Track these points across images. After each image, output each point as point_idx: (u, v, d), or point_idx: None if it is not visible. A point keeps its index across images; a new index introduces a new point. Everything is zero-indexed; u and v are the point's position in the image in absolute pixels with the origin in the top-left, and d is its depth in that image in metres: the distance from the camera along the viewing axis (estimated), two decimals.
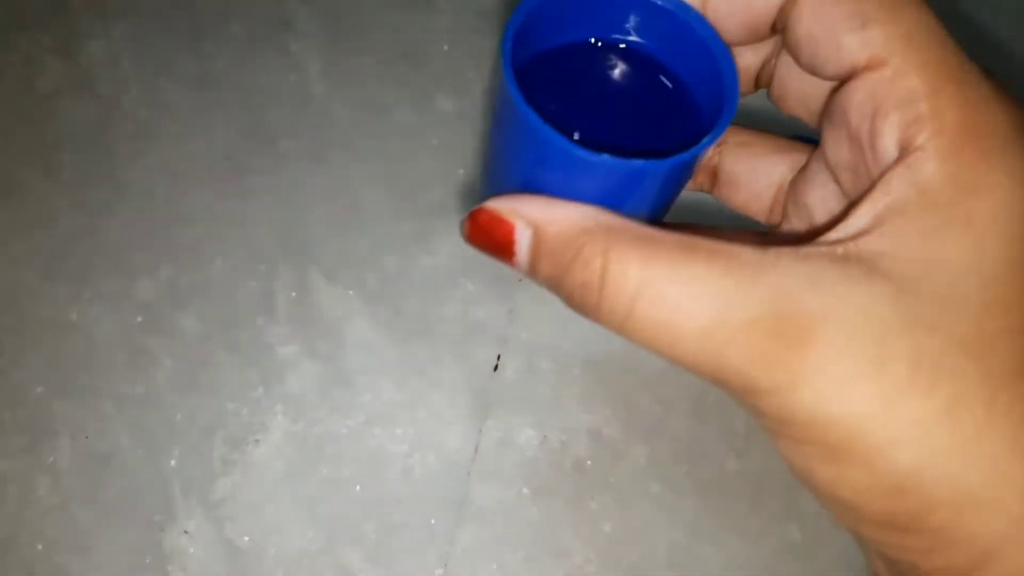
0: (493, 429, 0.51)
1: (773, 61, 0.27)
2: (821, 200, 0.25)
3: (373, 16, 0.63)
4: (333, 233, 0.55)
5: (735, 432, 0.52)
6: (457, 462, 0.49)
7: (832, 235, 0.21)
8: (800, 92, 0.26)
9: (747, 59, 0.27)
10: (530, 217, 0.22)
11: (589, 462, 0.50)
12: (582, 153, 0.22)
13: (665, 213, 0.27)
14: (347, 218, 0.56)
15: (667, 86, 0.26)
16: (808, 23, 0.22)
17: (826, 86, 0.25)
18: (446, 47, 0.63)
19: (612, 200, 0.23)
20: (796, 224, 0.27)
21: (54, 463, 0.47)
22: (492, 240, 0.23)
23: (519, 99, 0.22)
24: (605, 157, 0.21)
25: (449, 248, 0.56)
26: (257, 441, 0.49)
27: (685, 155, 0.22)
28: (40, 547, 0.45)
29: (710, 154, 0.30)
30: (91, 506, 0.46)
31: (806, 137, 0.30)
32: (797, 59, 0.23)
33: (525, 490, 0.49)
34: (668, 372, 0.53)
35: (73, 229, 0.53)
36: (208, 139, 0.57)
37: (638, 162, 0.22)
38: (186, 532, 0.46)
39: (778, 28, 0.24)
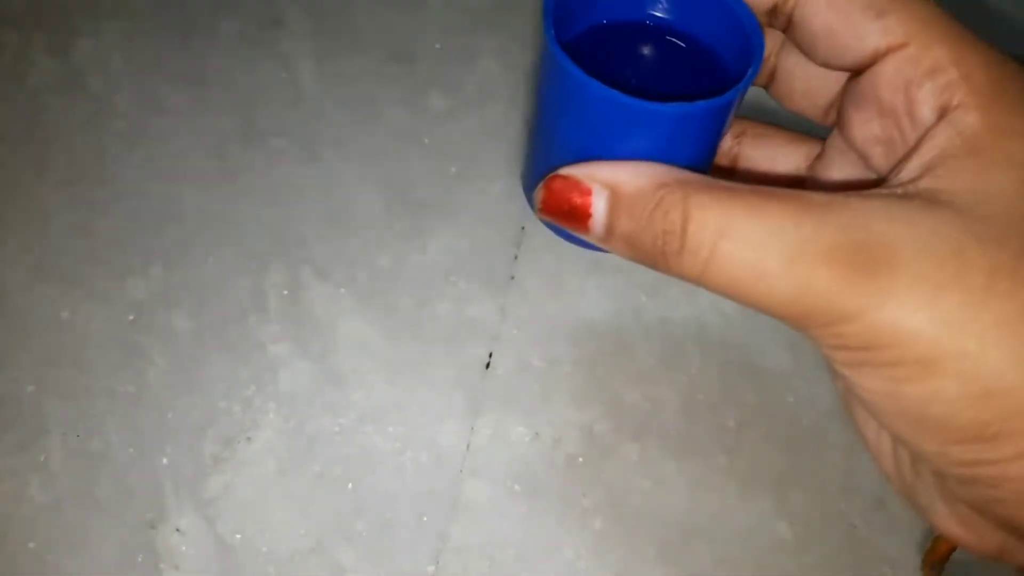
0: (485, 426, 0.51)
1: (772, 59, 0.28)
2: (843, 182, 0.27)
3: (365, 14, 0.63)
4: (325, 231, 0.55)
5: (725, 429, 0.52)
6: (449, 459, 0.50)
7: (892, 180, 0.22)
8: (806, 88, 0.28)
9: None
10: (605, 179, 0.23)
11: (580, 459, 0.50)
12: (640, 104, 0.23)
13: (710, 168, 0.29)
14: (339, 216, 0.56)
15: (698, 58, 0.29)
16: (825, 18, 0.24)
17: (834, 79, 0.27)
18: (438, 46, 0.63)
19: (668, 153, 0.24)
20: (853, 175, 0.28)
21: (46, 462, 0.47)
22: (567, 207, 0.24)
23: (571, 67, 0.23)
24: (667, 105, 0.23)
25: (441, 246, 0.56)
26: (249, 439, 0.49)
27: (731, 93, 0.24)
28: (32, 546, 0.45)
29: (729, 143, 0.31)
30: (83, 504, 0.46)
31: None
32: (811, 53, 0.25)
33: (517, 487, 0.49)
34: (658, 370, 0.53)
35: (64, 227, 0.53)
36: (199, 137, 0.57)
37: (697, 104, 0.23)
38: (178, 530, 0.46)
39: (778, 26, 0.26)
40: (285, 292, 0.53)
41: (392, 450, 0.50)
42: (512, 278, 0.55)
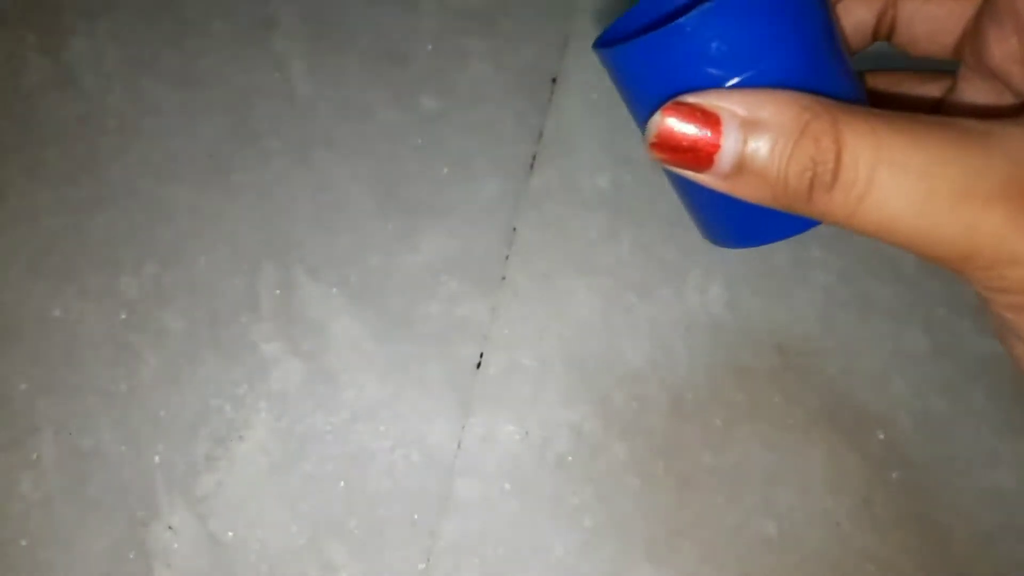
0: (475, 425, 0.51)
1: (891, 12, 0.27)
2: (978, 95, 0.25)
3: (357, 15, 0.64)
4: (317, 231, 0.56)
5: (713, 428, 0.53)
6: (440, 458, 0.50)
7: None
8: (930, 28, 0.26)
9: (859, 14, 0.27)
10: (735, 106, 0.20)
11: (570, 458, 0.51)
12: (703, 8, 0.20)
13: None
14: (331, 216, 0.56)
15: None
16: None
17: (959, 11, 0.25)
18: (430, 47, 0.63)
19: (783, 66, 0.21)
20: (991, 99, 0.26)
21: (38, 459, 0.47)
22: (689, 140, 0.20)
23: (632, 43, 0.21)
24: None
25: (433, 246, 0.56)
26: (241, 437, 0.49)
27: None
28: (24, 543, 0.45)
29: None
30: (75, 502, 0.47)
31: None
32: None
33: (507, 485, 0.50)
34: (647, 370, 0.54)
35: (57, 226, 0.54)
36: (192, 137, 0.58)
37: None
38: (170, 527, 0.47)
39: None
40: (277, 291, 0.53)
41: (383, 449, 0.50)
42: (503, 278, 0.56)
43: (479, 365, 0.53)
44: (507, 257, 0.57)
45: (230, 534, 0.47)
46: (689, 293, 0.56)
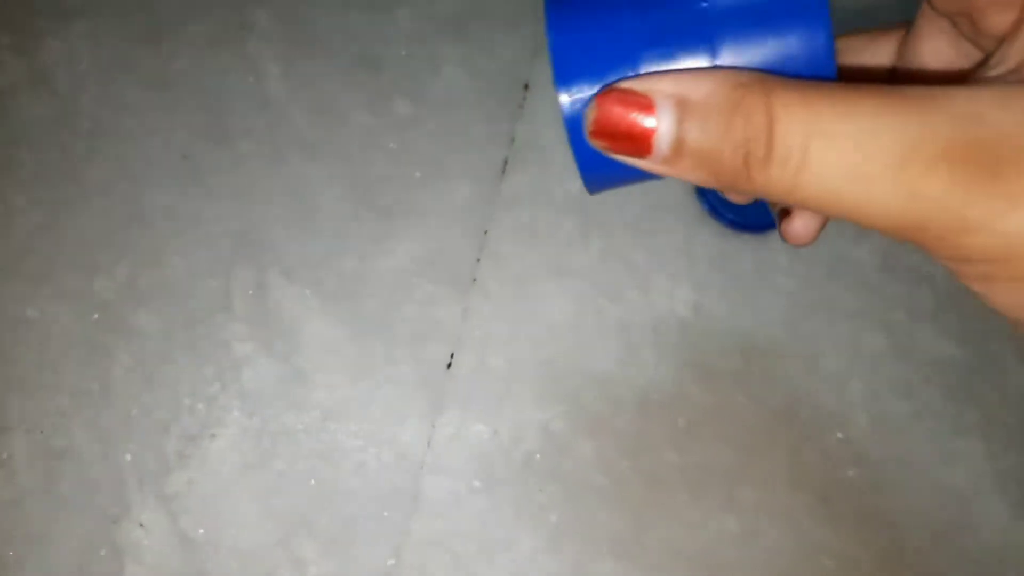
0: (446, 424, 0.52)
1: None
2: (934, 52, 0.24)
3: (332, 20, 0.65)
4: (291, 233, 0.56)
5: (677, 428, 0.54)
6: (410, 456, 0.51)
7: (992, 72, 0.19)
8: None
9: None
10: (667, 89, 0.20)
11: (538, 456, 0.52)
12: None
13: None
14: (305, 219, 0.57)
15: None
16: None
17: None
18: (404, 52, 0.64)
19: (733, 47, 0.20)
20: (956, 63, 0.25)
21: (9, 458, 0.48)
22: (626, 125, 0.20)
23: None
24: None
25: (405, 249, 0.57)
26: (213, 436, 0.50)
27: None
28: None
29: None
30: (46, 500, 0.47)
31: None
32: None
33: (476, 483, 0.51)
34: (615, 371, 0.55)
35: (31, 227, 0.54)
36: (166, 138, 0.58)
37: None
38: (141, 525, 0.47)
39: None
40: (251, 292, 0.54)
41: (355, 447, 0.51)
42: (474, 281, 0.57)
43: (450, 365, 0.54)
44: (478, 260, 0.58)
45: (201, 531, 0.47)
46: (657, 296, 0.57)
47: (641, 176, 0.22)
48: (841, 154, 0.18)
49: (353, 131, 0.60)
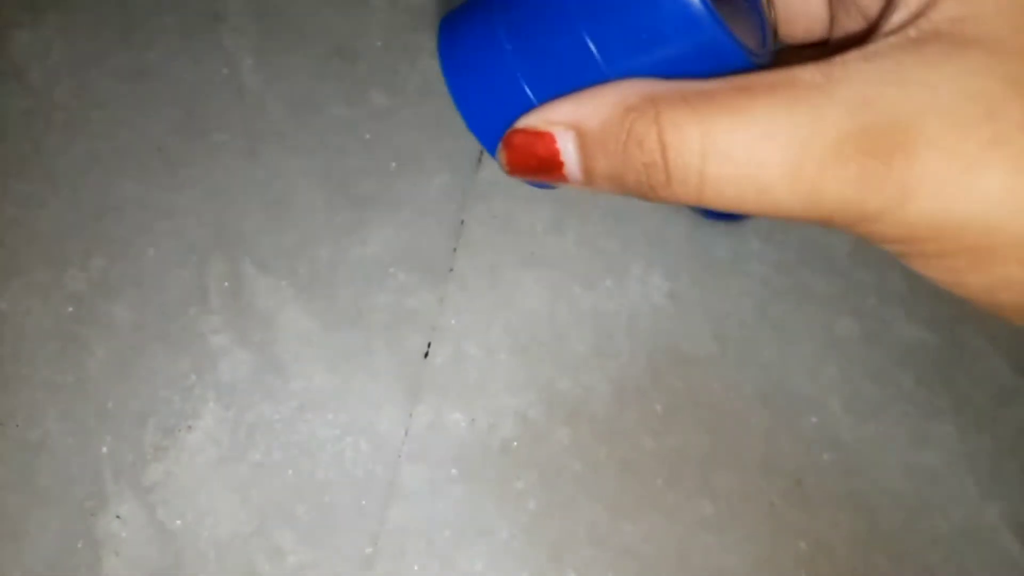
0: (423, 413, 0.52)
1: None
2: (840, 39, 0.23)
3: (307, 11, 0.65)
4: (266, 224, 0.56)
5: (653, 414, 0.54)
6: (387, 445, 0.51)
7: (896, 18, 0.18)
8: None
9: None
10: (565, 120, 0.20)
11: (515, 443, 0.52)
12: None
13: None
14: (280, 210, 0.57)
15: None
16: None
17: None
18: (379, 43, 0.64)
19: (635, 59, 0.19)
20: (851, 26, 0.23)
21: None
22: (535, 160, 0.20)
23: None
24: None
25: (381, 239, 0.57)
26: (189, 427, 0.50)
27: None
28: None
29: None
30: (22, 493, 0.47)
31: None
32: None
33: (453, 471, 0.51)
34: (590, 358, 0.56)
35: (2, 219, 0.54)
36: (140, 130, 0.58)
37: None
38: (118, 517, 0.47)
39: None
40: (226, 284, 0.54)
41: (332, 437, 0.51)
42: (451, 270, 0.57)
43: (427, 354, 0.54)
44: (455, 249, 0.58)
45: (178, 522, 0.47)
46: (631, 284, 0.58)
47: None
48: (738, 167, 0.17)
49: (328, 122, 0.60)
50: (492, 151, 0.23)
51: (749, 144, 0.17)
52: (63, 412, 0.49)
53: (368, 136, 0.60)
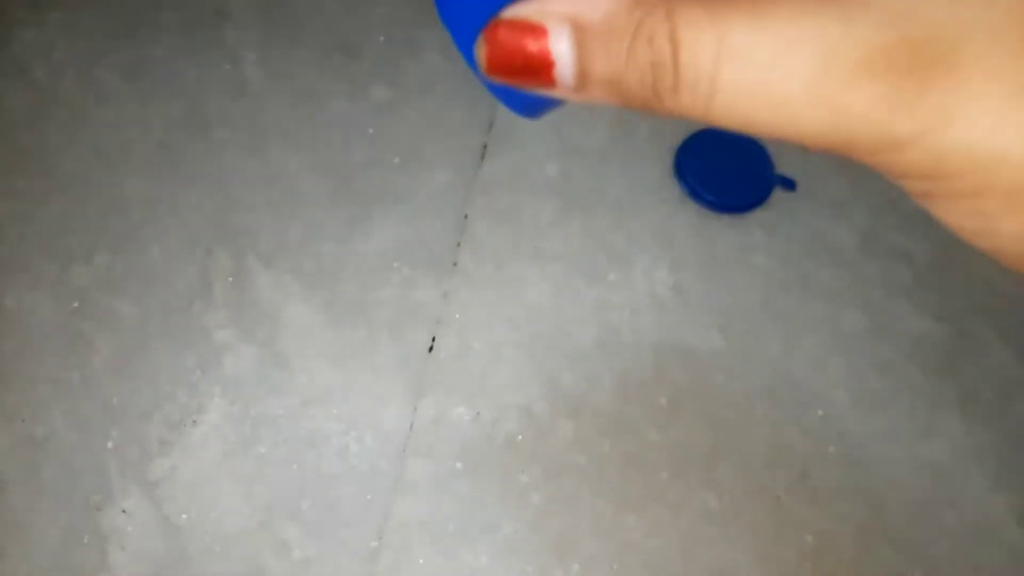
0: (427, 407, 0.52)
1: None
2: None
3: (309, 6, 0.64)
4: (269, 219, 0.56)
5: (657, 407, 0.54)
6: (392, 439, 0.51)
7: None
8: None
9: None
10: (562, 10, 0.17)
11: (519, 437, 0.52)
12: None
13: None
14: (283, 205, 0.57)
15: None
16: None
17: None
18: (381, 38, 0.64)
19: None
20: None
21: None
22: (522, 59, 0.18)
23: None
24: None
25: (385, 233, 0.57)
26: (195, 422, 0.50)
27: None
28: None
29: None
30: (28, 488, 0.47)
31: None
32: None
33: (458, 465, 0.51)
34: (594, 352, 0.55)
35: (7, 216, 0.54)
36: (143, 127, 0.58)
37: None
38: (124, 511, 0.47)
39: None
40: (230, 279, 0.54)
41: (336, 431, 0.51)
42: (455, 265, 0.57)
43: (431, 349, 0.54)
44: (458, 244, 0.58)
45: (184, 517, 0.47)
46: (636, 278, 0.58)
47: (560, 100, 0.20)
48: (755, 74, 0.16)
49: (331, 117, 0.60)
50: (467, 48, 0.20)
51: (769, 51, 0.15)
52: (69, 407, 0.49)
53: (371, 131, 0.60)
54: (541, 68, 0.18)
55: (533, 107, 0.21)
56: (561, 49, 0.17)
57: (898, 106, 0.15)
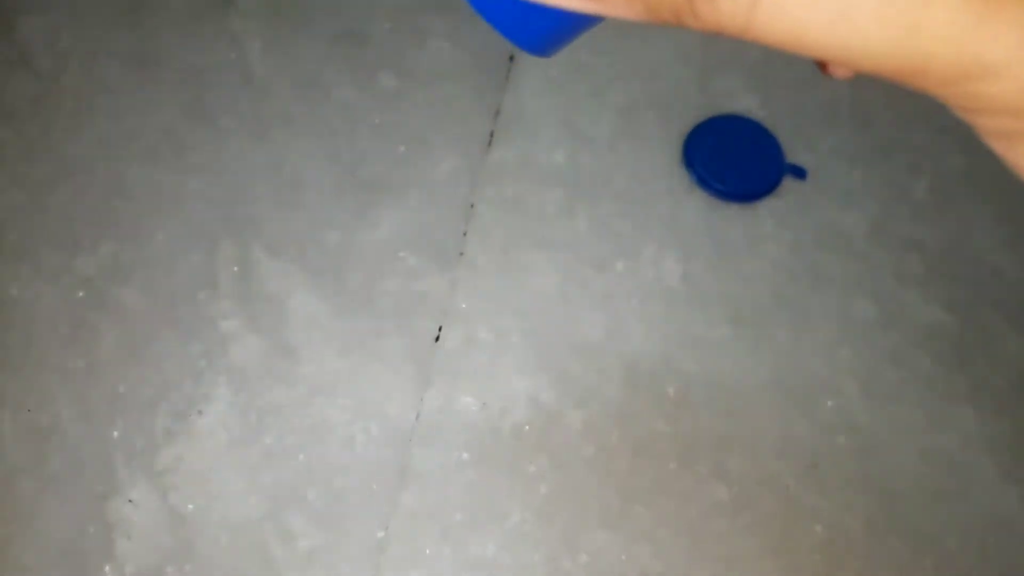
0: (434, 397, 0.52)
1: None
2: None
3: None
4: (275, 208, 0.56)
5: (666, 397, 0.54)
6: (399, 429, 0.51)
7: None
8: None
9: None
10: None
11: (527, 427, 0.52)
12: None
13: None
14: (289, 194, 0.57)
15: None
16: None
17: None
18: (388, 26, 0.64)
19: None
20: None
21: None
22: None
23: None
24: None
25: (391, 223, 0.57)
26: (201, 412, 0.50)
27: None
28: None
29: None
30: (34, 478, 0.47)
31: None
32: None
33: (465, 455, 0.51)
34: (602, 341, 0.55)
35: (12, 205, 0.54)
36: (148, 115, 0.58)
37: None
38: (130, 501, 0.47)
39: None
40: (236, 268, 0.54)
41: (343, 421, 0.51)
42: (461, 254, 0.56)
43: (438, 339, 0.54)
44: (465, 233, 0.57)
45: (190, 506, 0.47)
46: (644, 266, 0.57)
47: (574, 23, 0.18)
48: None
49: (337, 106, 0.60)
50: None
51: None
52: (74, 397, 0.49)
53: (377, 120, 0.60)
54: None
55: (542, 38, 0.19)
56: None
57: (986, 24, 0.13)
